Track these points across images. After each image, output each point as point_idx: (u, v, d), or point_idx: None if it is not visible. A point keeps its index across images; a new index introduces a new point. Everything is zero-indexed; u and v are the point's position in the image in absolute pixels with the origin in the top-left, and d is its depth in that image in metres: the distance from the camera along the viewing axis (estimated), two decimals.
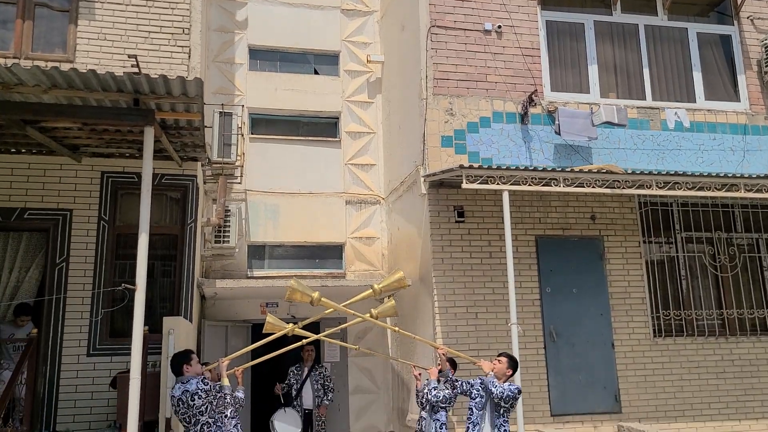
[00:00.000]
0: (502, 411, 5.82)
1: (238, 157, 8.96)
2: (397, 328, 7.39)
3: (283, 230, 10.09)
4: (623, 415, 8.02)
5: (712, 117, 9.14)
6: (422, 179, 8.19)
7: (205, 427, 5.41)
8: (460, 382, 6.24)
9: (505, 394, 5.76)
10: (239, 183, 9.76)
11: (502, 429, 5.80)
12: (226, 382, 5.88)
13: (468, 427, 5.99)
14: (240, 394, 6.09)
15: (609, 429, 7.94)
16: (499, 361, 6.03)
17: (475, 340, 7.86)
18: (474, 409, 6.00)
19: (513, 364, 6.05)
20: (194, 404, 5.32)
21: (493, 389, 5.79)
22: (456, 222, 8.18)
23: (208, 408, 5.44)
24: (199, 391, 5.35)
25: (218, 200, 8.72)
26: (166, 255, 7.69)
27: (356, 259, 10.31)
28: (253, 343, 7.15)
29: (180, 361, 5.56)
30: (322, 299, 6.15)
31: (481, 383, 6.04)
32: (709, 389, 8.30)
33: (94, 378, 6.95)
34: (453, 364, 6.99)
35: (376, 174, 10.70)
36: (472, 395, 6.06)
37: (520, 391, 5.88)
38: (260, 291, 8.94)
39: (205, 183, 9.03)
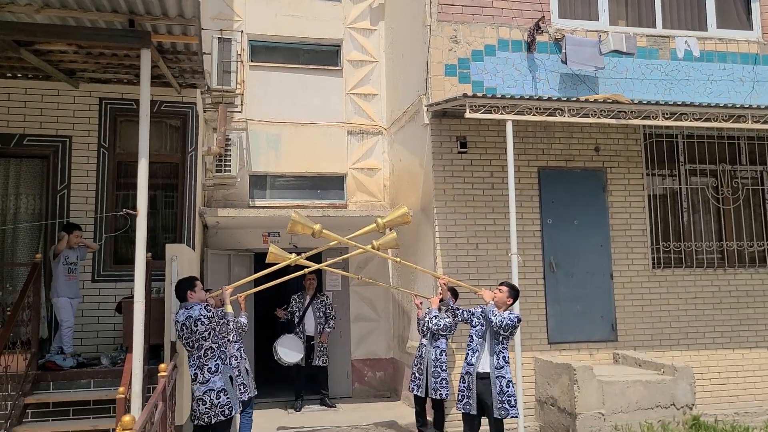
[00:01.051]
0: (501, 339, 5.94)
1: (238, 85, 8.81)
2: (398, 259, 7.46)
3: (284, 160, 10.04)
4: (619, 344, 8.18)
5: (723, 46, 8.91)
6: (425, 109, 8.08)
7: (208, 352, 5.52)
8: (461, 311, 6.34)
9: (505, 322, 5.86)
10: (239, 112, 9.65)
11: (501, 356, 5.93)
12: (229, 308, 5.99)
13: (468, 354, 6.13)
14: (243, 320, 6.20)
15: (605, 356, 8.12)
16: (500, 290, 6.11)
17: (475, 270, 7.93)
18: (474, 336, 6.12)
19: (514, 293, 6.13)
20: (197, 330, 5.42)
21: (492, 318, 5.90)
22: (458, 153, 8.12)
23: (212, 334, 5.55)
24: (202, 317, 5.44)
25: (218, 129, 8.63)
26: (168, 184, 7.69)
27: (358, 190, 10.29)
28: (255, 271, 7.23)
29: (185, 287, 5.63)
30: (324, 231, 6.17)
31: (482, 312, 6.13)
32: (704, 319, 8.44)
33: (99, 303, 7.06)
34: (454, 293, 7.10)
35: (378, 104, 10.55)
36: (473, 323, 6.17)
37: (519, 320, 5.98)
38: (262, 221, 8.97)
39: (205, 112, 8.92)
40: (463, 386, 6.08)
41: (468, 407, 6.01)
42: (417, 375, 7.32)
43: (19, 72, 6.90)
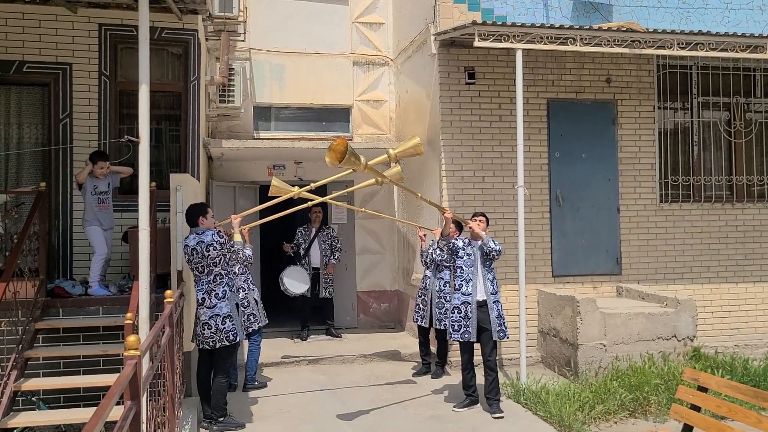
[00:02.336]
0: (490, 265, 6.17)
1: (241, 12, 8.57)
2: (402, 184, 7.31)
3: (288, 91, 9.88)
4: (623, 277, 8.22)
5: None
6: (432, 38, 7.86)
7: (217, 278, 5.59)
8: (450, 243, 6.37)
9: (498, 248, 6.13)
10: (243, 41, 9.43)
11: (494, 282, 6.21)
12: (237, 238, 5.96)
13: (461, 285, 6.18)
14: (248, 252, 6.20)
15: (608, 289, 8.17)
16: (480, 220, 6.31)
17: (481, 203, 7.89)
18: (464, 267, 6.20)
19: (488, 222, 6.45)
20: (209, 255, 5.46)
21: (494, 245, 6.08)
22: (466, 84, 7.96)
23: (222, 260, 5.60)
24: (214, 242, 5.47)
25: (221, 58, 8.44)
26: (171, 115, 7.59)
27: (363, 123, 10.16)
28: (261, 204, 7.20)
29: (196, 212, 5.66)
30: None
31: (468, 244, 6.26)
32: (710, 253, 8.43)
33: None
34: (459, 226, 7.11)
35: (384, 33, 10.27)
36: (459, 254, 6.25)
37: None
38: (267, 152, 8.90)
39: (207, 40, 8.70)
40: (459, 316, 6.15)
41: (467, 335, 6.10)
42: (421, 306, 7.41)
43: None
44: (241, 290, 6.50)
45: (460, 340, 6.18)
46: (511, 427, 5.73)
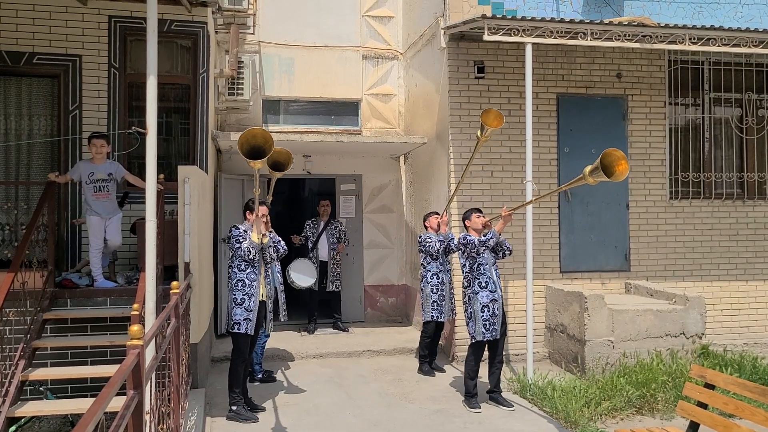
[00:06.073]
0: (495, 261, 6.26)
1: (250, 5, 8.56)
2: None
3: (298, 85, 9.88)
4: (631, 274, 8.16)
5: None
6: (442, 32, 7.82)
7: (228, 270, 5.97)
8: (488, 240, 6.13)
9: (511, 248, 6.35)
10: (252, 34, 9.42)
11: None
12: (254, 238, 5.74)
13: (486, 283, 6.01)
14: (270, 244, 6.11)
15: (617, 286, 8.12)
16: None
17: (489, 198, 7.86)
18: (484, 264, 6.06)
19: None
20: None
21: (508, 244, 6.22)
22: (476, 78, 7.92)
23: (231, 255, 5.88)
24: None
25: (231, 50, 8.44)
26: (180, 108, 7.60)
27: (372, 116, 10.14)
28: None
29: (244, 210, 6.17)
30: None
31: (481, 240, 6.03)
32: (720, 251, 8.36)
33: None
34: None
35: (394, 27, 10.24)
36: (479, 251, 6.00)
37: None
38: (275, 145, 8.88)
39: (216, 33, 8.71)
40: (489, 314, 5.95)
41: (495, 333, 5.99)
42: (439, 302, 7.13)
43: None
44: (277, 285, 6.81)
45: (491, 339, 5.99)
46: (517, 422, 5.71)
